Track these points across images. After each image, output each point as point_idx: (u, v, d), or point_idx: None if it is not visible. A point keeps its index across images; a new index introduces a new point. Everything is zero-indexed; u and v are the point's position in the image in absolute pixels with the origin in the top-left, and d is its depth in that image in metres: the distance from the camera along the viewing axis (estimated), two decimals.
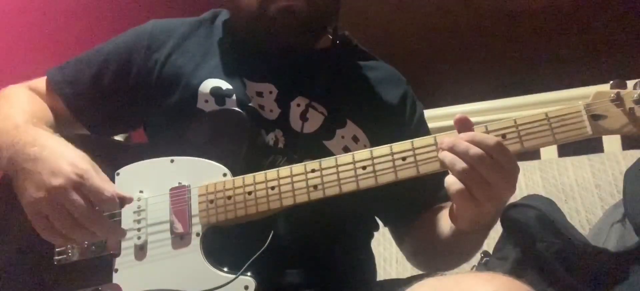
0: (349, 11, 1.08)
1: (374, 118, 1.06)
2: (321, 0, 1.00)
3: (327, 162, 0.90)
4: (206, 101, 1.02)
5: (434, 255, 1.08)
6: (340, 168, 0.89)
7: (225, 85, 1.03)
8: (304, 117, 1.03)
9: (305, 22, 1.00)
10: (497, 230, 1.26)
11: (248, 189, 0.92)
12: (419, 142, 0.87)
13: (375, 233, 1.15)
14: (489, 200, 0.82)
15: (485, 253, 1.40)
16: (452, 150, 0.81)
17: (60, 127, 1.06)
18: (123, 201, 0.94)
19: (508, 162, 0.82)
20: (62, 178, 0.87)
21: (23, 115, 0.98)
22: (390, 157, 0.88)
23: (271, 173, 0.92)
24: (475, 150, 0.80)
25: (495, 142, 0.81)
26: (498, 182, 0.81)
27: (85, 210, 0.87)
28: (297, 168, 0.91)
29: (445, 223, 0.99)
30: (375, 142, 0.98)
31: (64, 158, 0.88)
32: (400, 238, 1.15)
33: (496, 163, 0.80)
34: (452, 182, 0.82)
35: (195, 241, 0.92)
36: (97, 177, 0.89)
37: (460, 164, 0.80)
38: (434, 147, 0.87)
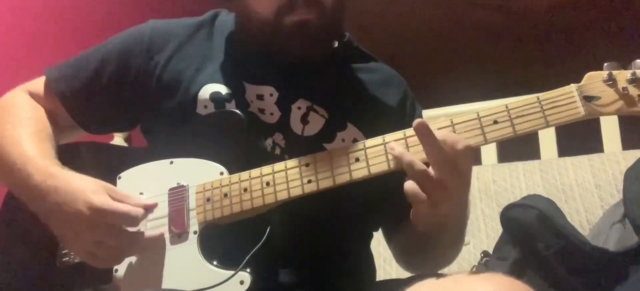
0: (349, 12, 1.08)
1: (374, 121, 1.06)
2: (332, 12, 1.00)
3: (321, 155, 0.91)
4: (205, 106, 1.02)
5: (414, 256, 1.09)
6: (333, 161, 0.90)
7: (224, 90, 1.03)
8: (304, 120, 1.03)
9: (319, 35, 1.01)
10: (497, 230, 1.26)
11: (244, 185, 0.92)
12: (411, 131, 0.87)
13: (375, 233, 1.15)
14: (444, 201, 0.83)
15: (485, 253, 1.40)
16: (425, 139, 0.82)
17: (58, 134, 1.06)
18: (148, 209, 0.94)
19: (466, 165, 0.83)
20: (86, 228, 0.88)
21: (30, 141, 0.99)
22: (382, 148, 0.88)
23: (266, 168, 0.93)
24: (440, 151, 0.81)
25: (464, 146, 0.82)
26: (455, 185, 0.82)
27: (119, 242, 0.90)
28: (292, 162, 0.92)
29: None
30: None
31: (79, 201, 0.89)
32: (389, 238, 1.15)
33: (455, 167, 0.81)
34: (409, 184, 0.83)
35: (193, 239, 0.93)
36: (112, 203, 0.89)
37: (419, 166, 0.81)
38: None
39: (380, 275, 1.19)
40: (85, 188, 0.90)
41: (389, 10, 3.68)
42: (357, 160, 0.89)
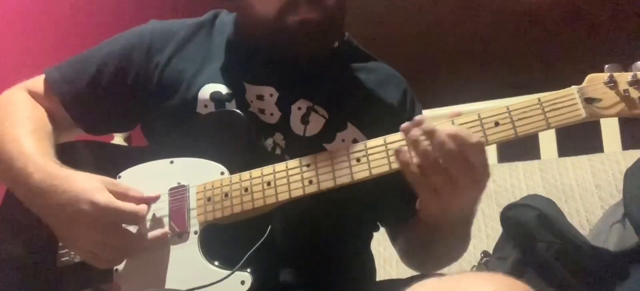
0: (349, 12, 1.08)
1: (374, 121, 1.06)
2: (334, 12, 1.00)
3: (322, 156, 0.91)
4: (206, 106, 1.02)
5: (419, 254, 1.08)
6: (334, 162, 0.90)
7: (225, 89, 1.03)
8: (305, 120, 1.03)
9: (321, 34, 1.00)
10: (497, 230, 1.26)
11: (244, 185, 0.92)
12: None
13: (375, 233, 1.15)
14: (454, 196, 0.82)
15: (485, 253, 1.40)
16: (429, 136, 0.80)
17: (58, 133, 1.06)
18: (150, 201, 0.94)
19: (479, 160, 0.81)
20: (88, 228, 0.88)
21: (29, 140, 0.98)
22: (383, 148, 0.88)
23: (267, 169, 0.93)
24: (450, 145, 0.79)
25: (476, 141, 0.81)
26: (466, 181, 0.81)
27: (121, 242, 0.89)
28: (293, 162, 0.92)
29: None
30: None
31: (81, 200, 0.88)
32: (393, 237, 1.15)
33: (467, 162, 0.80)
34: (414, 172, 0.82)
35: (193, 239, 0.93)
36: (116, 202, 0.88)
37: (428, 156, 0.80)
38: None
39: (380, 275, 1.19)
40: (86, 187, 0.89)
41: (389, 10, 3.68)
42: (358, 161, 0.89)
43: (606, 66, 0.86)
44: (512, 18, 3.76)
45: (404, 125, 0.83)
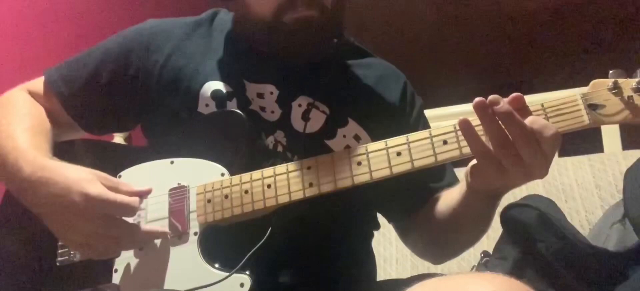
0: (349, 11, 1.08)
1: (375, 116, 1.06)
2: (332, 9, 1.00)
3: (323, 158, 0.91)
4: (207, 105, 1.02)
5: (443, 238, 1.06)
6: (335, 165, 0.89)
7: (226, 88, 1.03)
8: (306, 117, 1.03)
9: (320, 31, 1.00)
10: (497, 230, 1.26)
11: (245, 187, 0.92)
12: (414, 136, 0.87)
13: (375, 233, 1.15)
14: (521, 178, 0.81)
15: (485, 253, 1.40)
16: (504, 118, 0.78)
17: (58, 132, 1.06)
18: (142, 195, 0.93)
19: (551, 150, 0.80)
20: (81, 219, 0.87)
21: (24, 135, 0.98)
22: (385, 152, 0.87)
23: (268, 170, 0.92)
24: (528, 129, 0.77)
25: (553, 134, 0.79)
26: (536, 165, 0.80)
27: (115, 233, 0.88)
28: (293, 165, 0.91)
29: (451, 198, 0.98)
30: (376, 139, 0.98)
31: (72, 191, 0.87)
32: (405, 233, 1.14)
33: (539, 149, 0.79)
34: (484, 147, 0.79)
35: (193, 240, 0.93)
36: (108, 193, 0.88)
37: (503, 137, 0.78)
38: (428, 141, 0.86)
39: (381, 275, 1.19)
40: (78, 178, 0.88)
41: (388, 10, 3.68)
42: (359, 164, 0.88)
43: (610, 72, 0.83)
44: (514, 18, 3.76)
45: (478, 100, 0.80)
